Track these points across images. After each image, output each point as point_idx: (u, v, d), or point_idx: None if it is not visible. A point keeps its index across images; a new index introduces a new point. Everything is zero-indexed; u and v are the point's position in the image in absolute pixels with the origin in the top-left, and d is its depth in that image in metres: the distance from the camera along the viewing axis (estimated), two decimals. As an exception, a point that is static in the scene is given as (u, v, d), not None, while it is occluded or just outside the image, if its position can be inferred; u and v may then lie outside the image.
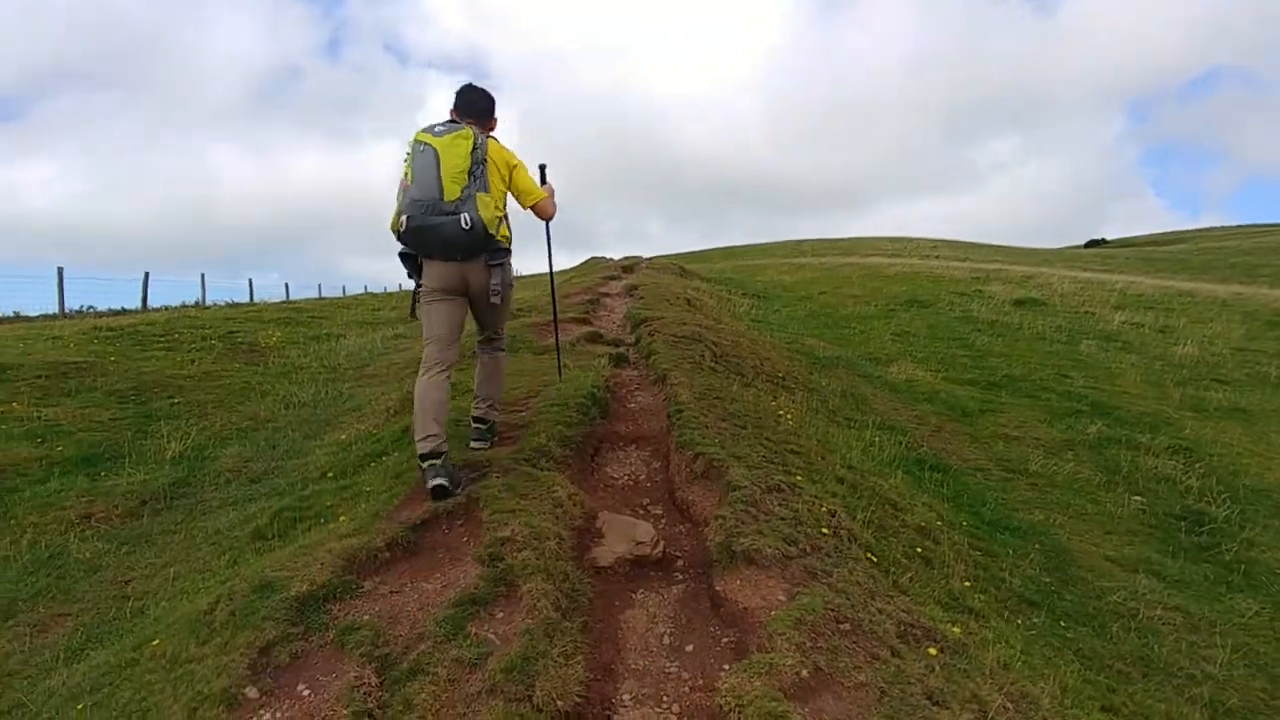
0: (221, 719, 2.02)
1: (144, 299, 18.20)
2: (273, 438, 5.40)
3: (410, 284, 3.64)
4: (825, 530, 3.16)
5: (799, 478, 3.71)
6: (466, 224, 3.21)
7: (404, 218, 3.27)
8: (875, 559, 3.21)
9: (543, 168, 4.01)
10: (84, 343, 7.93)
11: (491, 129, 3.63)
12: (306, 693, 2.15)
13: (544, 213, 3.76)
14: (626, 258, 20.92)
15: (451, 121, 3.44)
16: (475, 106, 3.56)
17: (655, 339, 6.42)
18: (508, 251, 3.54)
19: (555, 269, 4.67)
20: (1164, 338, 11.05)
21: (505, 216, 3.52)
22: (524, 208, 3.68)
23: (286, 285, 26.59)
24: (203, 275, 20.93)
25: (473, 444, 3.84)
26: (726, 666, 2.50)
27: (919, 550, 3.75)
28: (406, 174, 3.31)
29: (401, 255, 3.49)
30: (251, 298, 22.60)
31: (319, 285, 30.25)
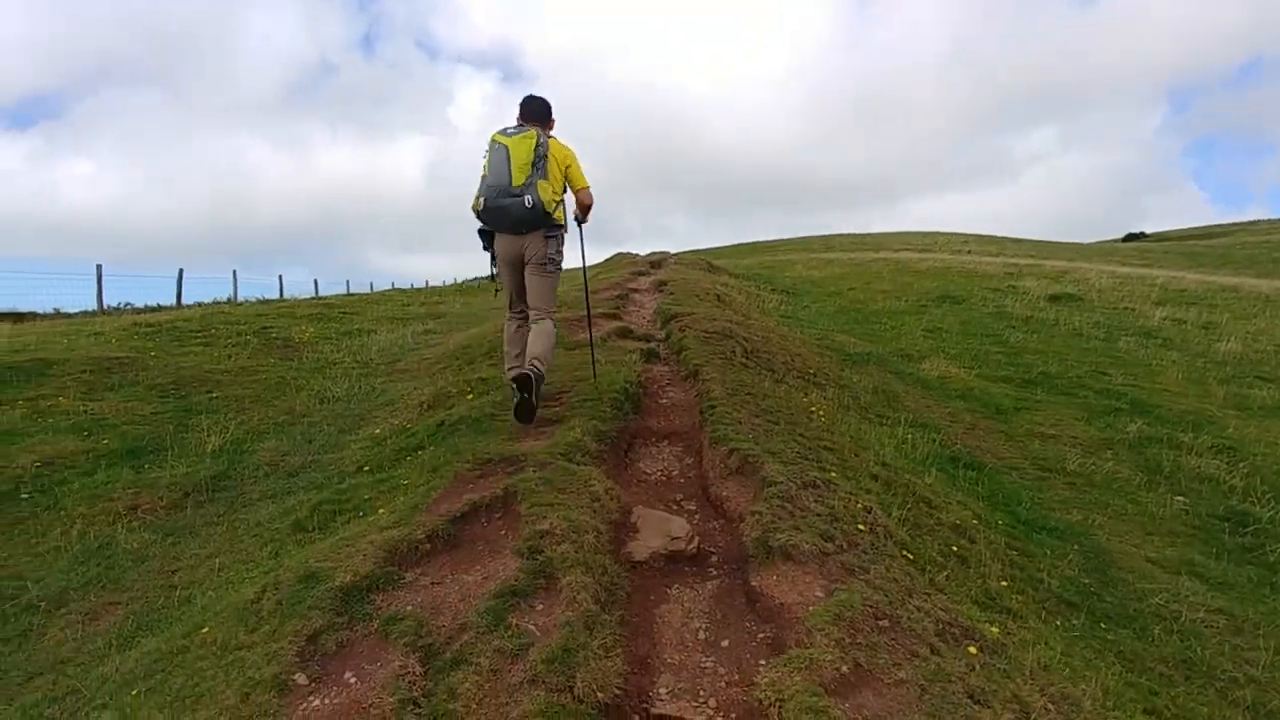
0: (273, 704, 2.07)
1: (178, 295, 18.58)
2: (308, 432, 5.49)
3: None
4: (861, 527, 3.14)
5: (834, 474, 3.70)
6: (529, 204, 4.07)
7: (482, 199, 4.16)
8: (911, 557, 3.19)
9: None
10: (124, 338, 8.12)
11: (551, 128, 4.45)
12: (353, 680, 2.19)
13: (584, 200, 4.54)
14: (653, 253, 20.92)
15: (520, 125, 4.29)
16: (535, 112, 4.41)
17: (686, 335, 6.42)
18: (562, 227, 4.39)
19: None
20: (1206, 334, 10.81)
21: (562, 202, 4.36)
22: (572, 191, 4.48)
23: (315, 281, 26.94)
24: (234, 272, 21.31)
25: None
26: (763, 662, 2.50)
27: (954, 549, 3.72)
28: (485, 166, 4.17)
29: (480, 231, 4.41)
30: (281, 293, 22.94)
31: (347, 281, 30.59)
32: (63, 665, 2.92)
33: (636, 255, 20.90)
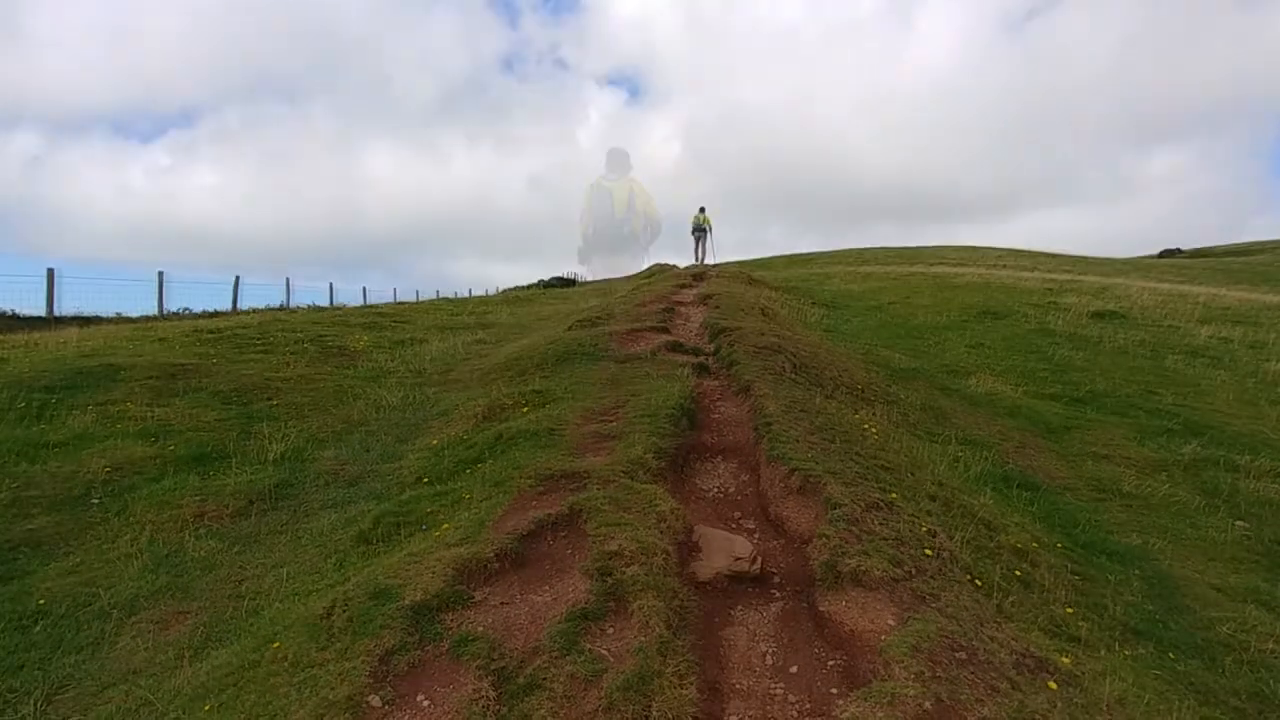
0: (349, 726, 2.08)
1: (234, 301, 18.91)
2: (366, 441, 5.57)
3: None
4: (928, 551, 3.10)
5: (894, 495, 3.66)
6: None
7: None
8: (978, 583, 3.15)
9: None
10: (187, 345, 8.30)
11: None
12: (426, 703, 2.20)
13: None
14: (693, 265, 20.86)
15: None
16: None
17: (735, 349, 6.40)
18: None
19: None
20: (1255, 353, 10.49)
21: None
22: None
23: (365, 289, 27.19)
24: (288, 280, 21.71)
25: None
26: (834, 690, 2.48)
27: (1017, 573, 3.66)
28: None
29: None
30: (331, 300, 23.24)
31: (394, 290, 30.81)
32: (135, 676, 2.94)
33: (675, 266, 20.86)
